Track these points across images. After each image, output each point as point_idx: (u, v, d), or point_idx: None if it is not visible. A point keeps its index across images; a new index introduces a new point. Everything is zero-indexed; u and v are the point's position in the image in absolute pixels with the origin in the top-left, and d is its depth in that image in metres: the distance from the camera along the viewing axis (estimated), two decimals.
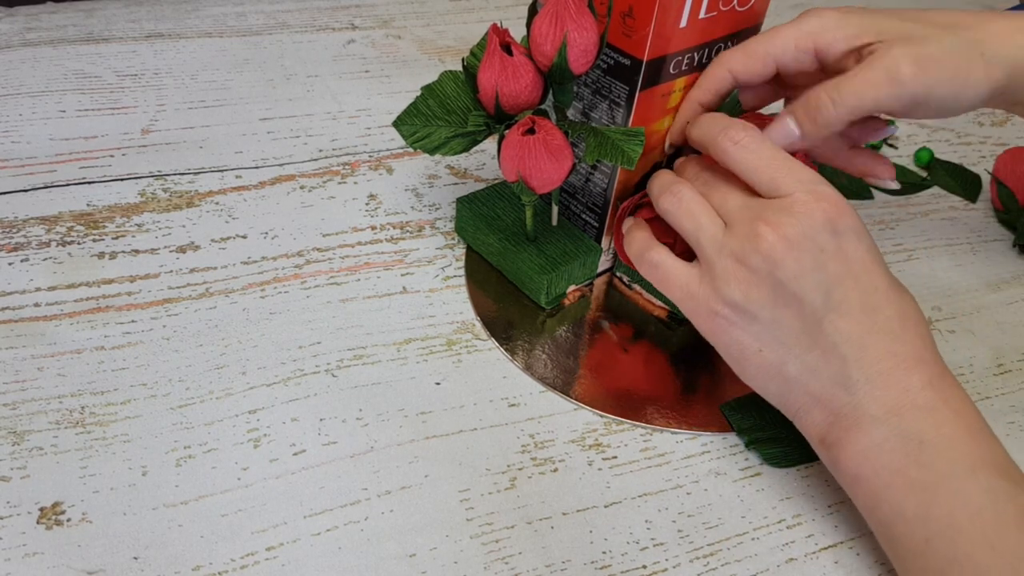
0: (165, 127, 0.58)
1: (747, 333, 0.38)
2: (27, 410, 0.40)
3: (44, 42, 0.64)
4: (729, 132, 0.38)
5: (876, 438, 0.36)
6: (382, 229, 0.52)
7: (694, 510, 0.40)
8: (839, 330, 0.36)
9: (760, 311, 0.37)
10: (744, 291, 0.37)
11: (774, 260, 0.36)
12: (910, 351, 0.36)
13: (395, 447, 0.40)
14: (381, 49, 0.69)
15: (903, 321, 0.37)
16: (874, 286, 0.37)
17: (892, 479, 0.35)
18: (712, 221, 0.39)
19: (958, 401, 0.36)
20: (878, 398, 0.36)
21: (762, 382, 0.39)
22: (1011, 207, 0.59)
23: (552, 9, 0.39)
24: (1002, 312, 0.52)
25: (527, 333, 0.47)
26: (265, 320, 0.45)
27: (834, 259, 0.36)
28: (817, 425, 0.38)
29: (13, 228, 0.49)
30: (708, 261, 0.39)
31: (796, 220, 0.36)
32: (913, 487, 0.34)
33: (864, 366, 0.36)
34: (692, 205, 0.40)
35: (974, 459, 0.34)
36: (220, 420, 0.41)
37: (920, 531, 0.34)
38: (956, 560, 0.33)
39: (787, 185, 0.37)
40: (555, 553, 0.37)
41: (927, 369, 0.36)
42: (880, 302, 0.36)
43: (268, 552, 0.36)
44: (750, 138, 0.38)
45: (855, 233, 0.37)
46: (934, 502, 0.34)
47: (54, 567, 0.35)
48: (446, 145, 0.43)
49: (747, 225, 0.37)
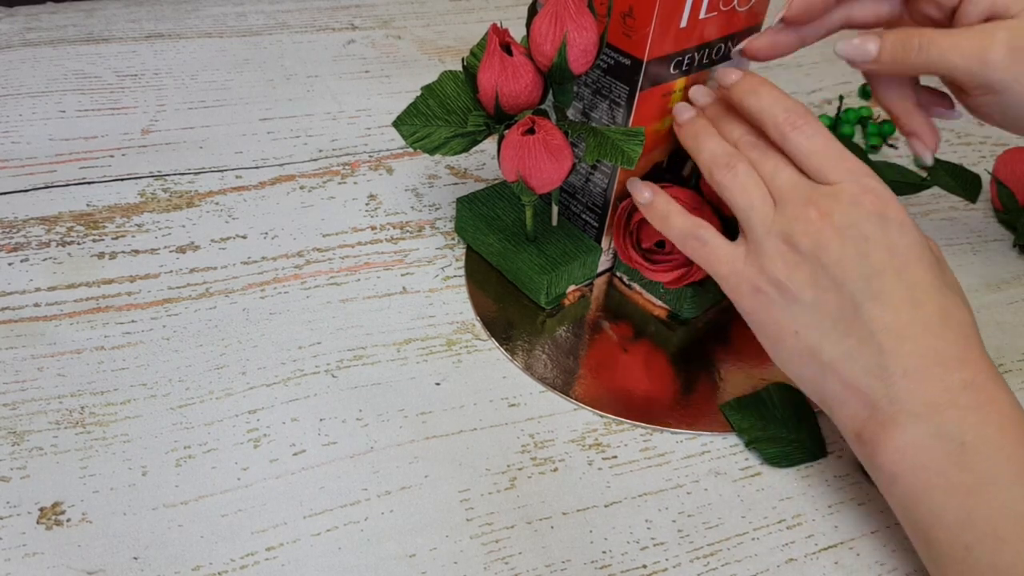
0: (165, 127, 0.58)
1: (787, 313, 0.38)
2: (27, 410, 0.40)
3: (44, 42, 0.64)
4: (791, 117, 0.39)
5: (914, 436, 0.35)
6: (382, 229, 0.52)
7: (694, 510, 0.40)
8: (876, 319, 0.36)
9: (802, 292, 0.37)
10: (788, 271, 0.38)
11: (820, 244, 0.37)
12: (952, 349, 0.35)
13: (395, 447, 0.40)
14: (381, 49, 0.69)
15: (945, 319, 0.36)
16: (916, 280, 0.36)
17: (931, 480, 0.34)
18: (764, 200, 0.39)
19: (1005, 404, 0.35)
20: (916, 393, 0.35)
21: (797, 367, 0.39)
22: (1011, 207, 0.59)
23: (552, 9, 0.39)
24: (1002, 312, 0.52)
25: (527, 333, 0.47)
26: (265, 320, 0.45)
27: (878, 249, 0.36)
28: (853, 419, 0.37)
29: (13, 228, 0.49)
30: (756, 239, 0.39)
31: (844, 207, 0.37)
32: (954, 490, 0.34)
33: (901, 358, 0.35)
34: (747, 181, 0.40)
35: (1020, 465, 0.33)
36: (220, 420, 0.41)
37: (960, 537, 0.33)
38: (999, 569, 0.32)
39: (837, 174, 0.37)
40: (555, 553, 0.37)
41: (970, 368, 0.35)
42: (922, 298, 0.36)
43: (268, 552, 0.36)
44: (809, 125, 0.38)
45: (901, 226, 0.37)
46: (976, 507, 0.33)
47: (54, 567, 0.35)
48: (446, 145, 0.43)
49: (797, 208, 0.38)
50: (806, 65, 0.74)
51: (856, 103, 0.70)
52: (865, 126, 0.66)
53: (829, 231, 0.37)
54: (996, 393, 0.35)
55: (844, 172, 0.37)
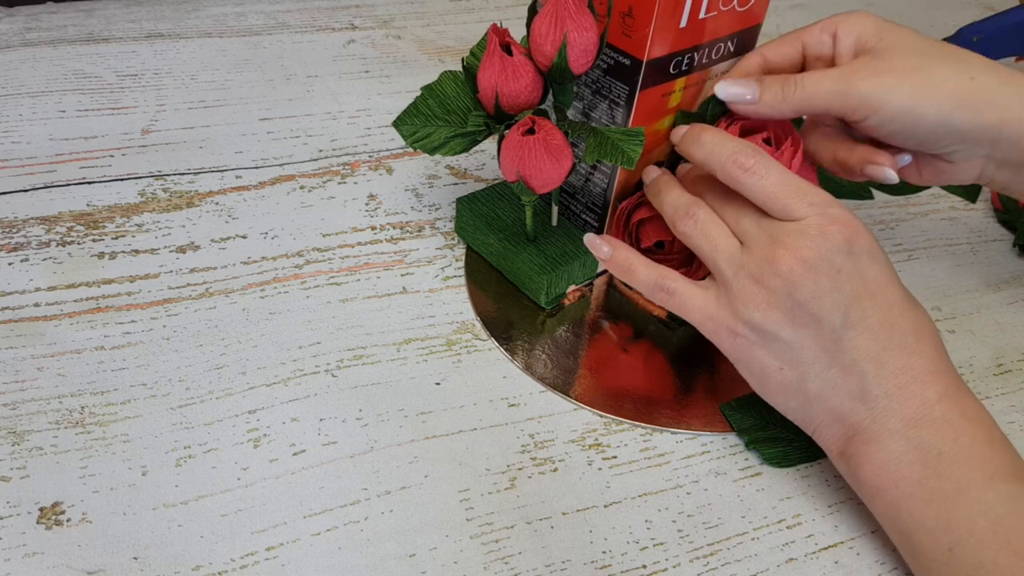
0: (165, 127, 0.58)
1: (768, 352, 0.38)
2: (27, 410, 0.40)
3: (44, 42, 0.64)
4: (738, 159, 0.38)
5: (895, 450, 0.36)
6: (382, 229, 0.52)
7: (694, 510, 0.40)
8: (858, 347, 0.37)
9: (780, 331, 0.38)
10: (763, 312, 0.38)
11: (792, 282, 0.37)
12: (926, 364, 0.37)
13: (395, 447, 0.40)
14: (381, 49, 0.69)
15: (918, 335, 0.37)
16: (890, 303, 0.37)
17: (912, 490, 0.35)
18: (728, 242, 0.39)
19: (974, 411, 0.36)
20: (896, 411, 0.36)
21: (783, 399, 0.39)
22: (1011, 207, 0.59)
23: (552, 9, 0.39)
24: (1002, 312, 0.52)
25: (527, 333, 0.47)
26: (265, 320, 0.45)
27: (851, 279, 0.37)
28: (837, 439, 0.38)
29: (13, 228, 0.49)
30: (726, 282, 0.39)
31: (812, 242, 0.36)
32: (934, 497, 0.35)
33: (882, 381, 0.37)
34: (708, 227, 0.40)
35: (993, 467, 0.35)
36: (220, 420, 0.41)
37: (943, 539, 0.34)
38: (982, 566, 0.33)
39: (800, 210, 0.37)
40: (555, 553, 0.37)
41: (942, 381, 0.37)
42: (896, 318, 0.37)
43: (268, 552, 0.36)
44: (759, 164, 0.38)
45: (870, 253, 0.37)
46: (955, 511, 0.34)
47: (54, 567, 0.35)
48: (446, 145, 0.43)
49: (765, 247, 0.37)
50: None
51: None
52: None
53: (800, 268, 0.37)
54: (966, 402, 0.37)
55: (807, 207, 0.37)
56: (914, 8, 0.84)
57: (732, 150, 0.39)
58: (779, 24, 0.79)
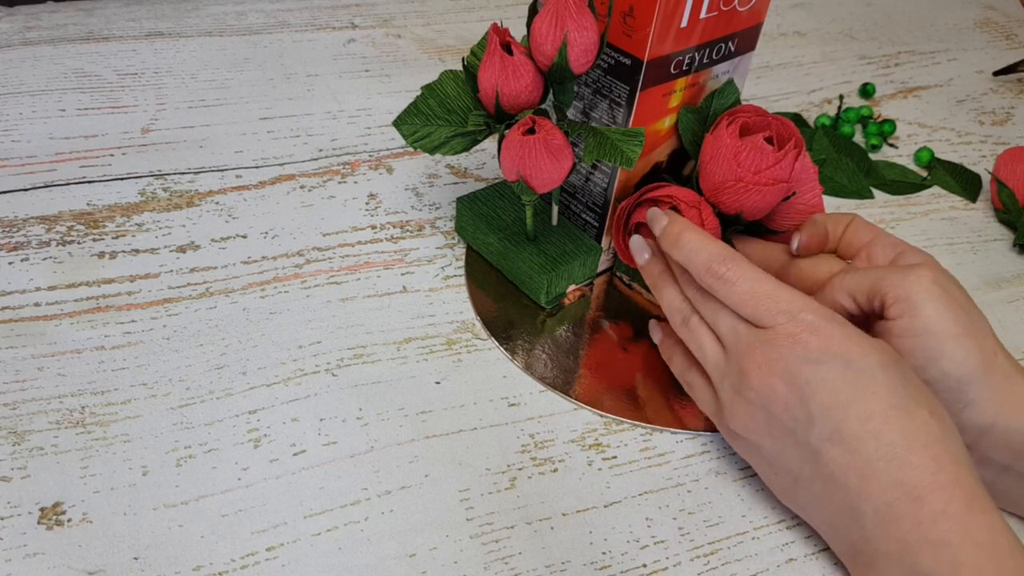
0: (165, 126, 0.58)
1: (759, 458, 0.39)
2: (27, 410, 0.40)
3: (44, 41, 0.64)
4: (711, 267, 0.38)
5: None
6: (382, 229, 0.52)
7: (695, 508, 0.40)
8: (836, 460, 0.35)
9: (761, 441, 0.38)
10: (744, 422, 0.38)
11: (764, 394, 0.36)
12: (919, 478, 0.33)
13: (395, 447, 0.40)
14: (381, 48, 0.69)
15: (909, 444, 0.34)
16: (870, 412, 0.34)
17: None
18: (715, 352, 0.39)
19: (984, 532, 0.33)
20: (889, 533, 0.34)
21: (790, 503, 0.39)
22: (1011, 207, 0.59)
23: (552, 9, 0.39)
24: (1002, 311, 0.52)
25: (527, 333, 0.47)
26: (265, 320, 0.45)
27: (821, 390, 0.35)
28: (842, 555, 0.37)
29: (13, 227, 0.49)
30: (716, 389, 0.40)
31: (782, 352, 0.36)
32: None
33: (869, 498, 0.34)
34: (698, 334, 0.40)
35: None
36: (220, 420, 0.41)
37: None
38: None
39: (768, 318, 0.37)
40: (555, 553, 0.37)
41: (943, 496, 0.33)
42: (879, 428, 0.34)
43: (268, 552, 0.36)
44: (731, 271, 0.38)
45: (842, 362, 0.35)
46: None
47: (54, 567, 0.35)
48: (446, 145, 0.43)
49: (739, 358, 0.38)
50: (806, 65, 0.74)
51: (856, 103, 0.70)
52: (865, 126, 0.66)
53: (772, 379, 0.36)
54: (974, 518, 0.33)
55: (777, 314, 0.36)
56: (915, 8, 0.84)
57: (707, 256, 0.38)
58: (779, 24, 0.79)
